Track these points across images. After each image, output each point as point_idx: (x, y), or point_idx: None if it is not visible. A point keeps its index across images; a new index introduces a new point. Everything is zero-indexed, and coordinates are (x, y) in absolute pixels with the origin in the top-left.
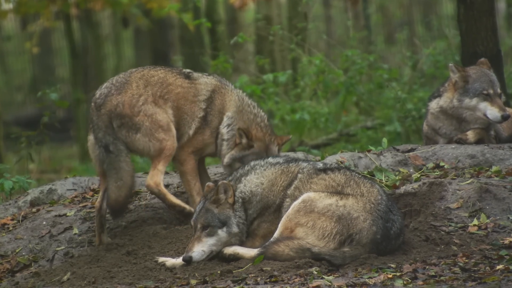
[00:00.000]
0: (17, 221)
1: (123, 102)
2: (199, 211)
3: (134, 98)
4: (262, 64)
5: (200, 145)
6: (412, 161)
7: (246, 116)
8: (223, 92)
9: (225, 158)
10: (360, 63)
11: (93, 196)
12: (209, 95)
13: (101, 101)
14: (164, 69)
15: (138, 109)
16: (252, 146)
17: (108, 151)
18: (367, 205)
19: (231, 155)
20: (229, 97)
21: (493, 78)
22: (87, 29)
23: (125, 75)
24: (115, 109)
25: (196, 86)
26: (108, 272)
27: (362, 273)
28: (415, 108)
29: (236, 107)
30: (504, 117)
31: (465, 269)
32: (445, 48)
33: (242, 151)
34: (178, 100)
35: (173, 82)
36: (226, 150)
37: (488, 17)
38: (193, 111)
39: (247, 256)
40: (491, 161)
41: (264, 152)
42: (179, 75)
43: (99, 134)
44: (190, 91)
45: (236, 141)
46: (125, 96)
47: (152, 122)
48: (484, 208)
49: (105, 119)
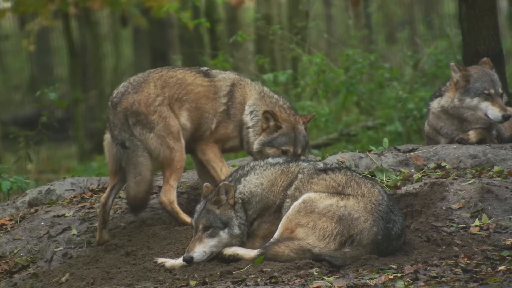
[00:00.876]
0: (15, 221)
1: (139, 101)
2: (200, 212)
3: (150, 97)
4: (262, 63)
5: (222, 137)
6: (413, 161)
7: (268, 100)
8: (242, 84)
9: (254, 145)
10: (361, 62)
11: (92, 196)
12: (229, 89)
13: (117, 99)
14: (183, 69)
15: (154, 108)
16: (280, 127)
17: (125, 147)
18: (368, 206)
19: (260, 141)
20: (248, 88)
21: (495, 77)
22: (85, 28)
23: (143, 75)
24: (131, 107)
25: (215, 83)
26: (107, 273)
27: (363, 274)
28: (416, 107)
29: (257, 94)
30: (505, 117)
31: (467, 270)
32: (447, 47)
33: (270, 134)
34: (198, 99)
35: (192, 81)
36: (253, 137)
37: (490, 16)
38: (215, 108)
39: (247, 257)
40: (493, 161)
41: (292, 132)
42: (198, 73)
43: (115, 131)
44: (210, 89)
45: (263, 126)
46: (142, 95)
47: (165, 125)
48: (486, 208)
49: (121, 116)
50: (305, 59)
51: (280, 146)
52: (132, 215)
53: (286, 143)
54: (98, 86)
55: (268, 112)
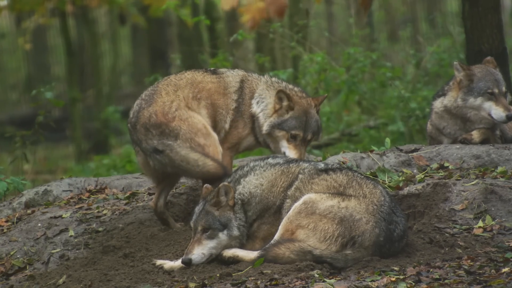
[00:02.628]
0: (11, 223)
1: (155, 112)
2: (198, 213)
3: (166, 105)
4: (262, 62)
5: (235, 140)
6: (416, 161)
7: (276, 85)
8: (250, 79)
9: (263, 127)
10: (363, 61)
11: (89, 197)
12: (239, 85)
13: (134, 119)
14: (190, 71)
15: (172, 115)
16: (292, 108)
17: (159, 151)
18: (370, 207)
19: (270, 122)
20: (255, 82)
21: (499, 77)
22: (83, 26)
23: (152, 87)
24: (149, 120)
25: (224, 79)
26: (105, 275)
27: (364, 276)
28: (418, 107)
29: (263, 84)
30: (509, 117)
31: (470, 272)
32: (450, 46)
33: (281, 116)
34: (211, 95)
35: (202, 79)
36: (263, 120)
37: (493, 14)
38: (227, 104)
39: (247, 259)
40: (497, 161)
41: (304, 116)
42: (206, 72)
43: (143, 145)
44: (220, 85)
45: (275, 107)
46: (156, 106)
47: (189, 125)
48: (490, 209)
49: (143, 131)
50: (306, 57)
51: (290, 129)
52: (130, 216)
53: (296, 127)
54: (95, 85)
55: (282, 92)
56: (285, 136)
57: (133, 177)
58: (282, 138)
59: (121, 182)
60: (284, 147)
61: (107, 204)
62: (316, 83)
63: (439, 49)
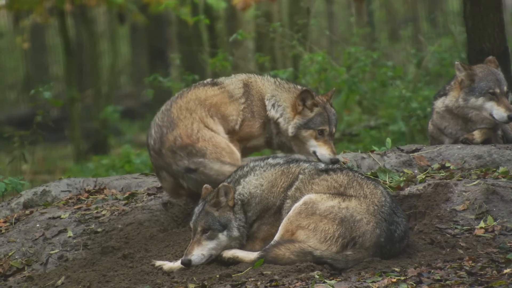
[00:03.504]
0: (9, 223)
1: (180, 135)
2: (198, 214)
3: (188, 128)
4: (262, 61)
5: (246, 136)
6: (417, 161)
7: (286, 87)
8: (253, 80)
9: (288, 131)
10: (363, 60)
11: (88, 198)
12: (244, 90)
13: (158, 144)
14: (191, 89)
15: (196, 136)
16: (317, 106)
17: (192, 170)
18: (371, 207)
19: (295, 124)
20: (261, 83)
21: (500, 77)
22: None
23: (165, 114)
24: (175, 143)
25: (226, 88)
26: (104, 276)
27: (365, 277)
28: (420, 107)
29: (272, 85)
30: (510, 118)
31: (472, 273)
32: (451, 45)
33: (305, 116)
34: (219, 108)
35: (206, 95)
36: (286, 124)
37: (495, 13)
38: (236, 109)
39: (246, 260)
40: (498, 161)
41: (325, 112)
42: (205, 86)
43: (173, 167)
44: (224, 95)
45: (297, 109)
46: (180, 129)
47: (214, 145)
48: (491, 210)
49: (169, 154)
50: (306, 57)
51: (317, 126)
52: (129, 217)
53: (322, 123)
54: (94, 85)
55: (307, 91)
56: (312, 135)
57: (132, 177)
58: (309, 137)
59: (120, 183)
60: (313, 146)
61: (106, 205)
62: (317, 83)
63: (440, 48)
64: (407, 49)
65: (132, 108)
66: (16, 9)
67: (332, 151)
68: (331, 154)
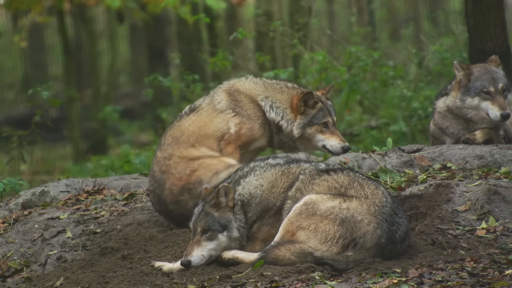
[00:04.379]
0: (8, 224)
1: (173, 184)
2: (198, 215)
3: (175, 173)
4: (262, 61)
5: (248, 139)
6: (418, 162)
7: (277, 87)
8: (236, 87)
9: (294, 132)
10: (364, 60)
11: (87, 198)
12: (228, 101)
13: (163, 206)
14: (167, 134)
15: (186, 173)
16: (317, 103)
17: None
18: (372, 208)
19: (299, 124)
20: (247, 86)
21: (497, 75)
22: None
23: (151, 175)
24: (171, 192)
25: (205, 109)
26: (103, 277)
27: (366, 278)
28: (421, 107)
29: (260, 86)
30: (503, 116)
31: (473, 274)
32: (452, 44)
33: (308, 114)
34: (199, 133)
35: (181, 131)
36: (289, 126)
37: (496, 12)
38: (224, 121)
39: (246, 261)
40: (500, 162)
41: (323, 104)
42: (182, 119)
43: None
44: (202, 117)
45: (300, 110)
46: (169, 181)
47: (205, 168)
48: (493, 210)
49: (176, 207)
50: (306, 56)
51: (320, 120)
52: (128, 218)
53: (324, 116)
54: (93, 84)
55: (310, 93)
56: (318, 129)
57: (131, 177)
58: (315, 132)
59: (119, 183)
60: (321, 140)
61: (105, 205)
62: (317, 83)
63: (441, 48)
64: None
65: (132, 108)
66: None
67: (341, 139)
68: (342, 143)
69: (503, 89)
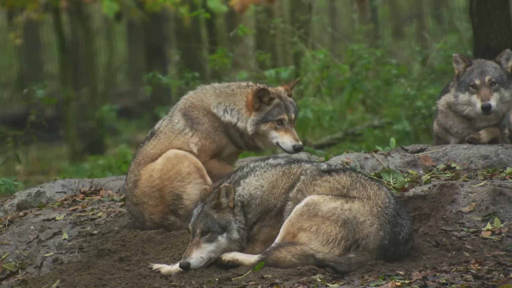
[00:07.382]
0: (3, 225)
1: (151, 212)
2: (197, 216)
3: (149, 200)
4: (263, 59)
5: (216, 151)
6: (422, 162)
7: (228, 91)
8: (190, 103)
9: (247, 129)
10: (367, 58)
11: (84, 199)
12: (184, 121)
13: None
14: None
15: (160, 200)
16: (274, 99)
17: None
18: (374, 209)
19: (252, 121)
20: (199, 98)
21: (486, 68)
22: (77, 22)
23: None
24: (154, 221)
25: (165, 131)
26: (100, 279)
27: (368, 281)
28: (424, 105)
29: (211, 95)
30: (484, 108)
31: (478, 277)
32: (457, 42)
33: (263, 110)
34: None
35: (148, 149)
36: (243, 124)
37: (502, 9)
38: (183, 141)
39: (246, 263)
40: (506, 162)
41: (281, 101)
42: (148, 141)
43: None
44: (162, 139)
45: (254, 106)
46: (147, 207)
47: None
48: (498, 211)
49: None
50: (308, 54)
51: (275, 117)
52: (126, 219)
53: (279, 113)
54: (90, 83)
55: (263, 90)
56: (272, 126)
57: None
58: (269, 129)
59: (116, 184)
60: (275, 137)
61: (102, 206)
62: (319, 81)
63: (445, 45)
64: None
65: (129, 106)
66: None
67: (295, 138)
68: (293, 141)
69: (491, 82)
